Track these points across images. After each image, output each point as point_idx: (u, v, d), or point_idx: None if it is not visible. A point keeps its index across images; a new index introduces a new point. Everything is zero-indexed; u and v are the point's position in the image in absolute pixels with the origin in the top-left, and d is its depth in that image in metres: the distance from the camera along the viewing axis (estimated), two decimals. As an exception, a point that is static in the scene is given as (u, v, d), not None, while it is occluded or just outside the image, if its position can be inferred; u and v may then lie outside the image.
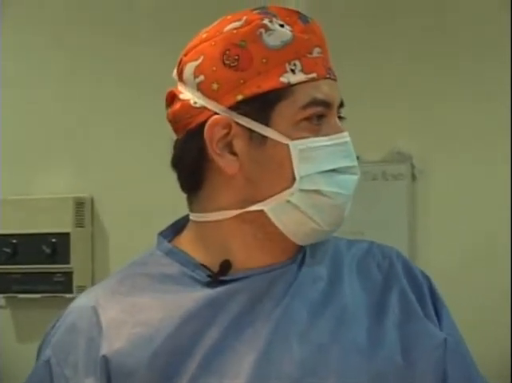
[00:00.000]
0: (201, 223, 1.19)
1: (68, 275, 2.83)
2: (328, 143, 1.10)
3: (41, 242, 2.82)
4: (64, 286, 2.83)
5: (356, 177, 1.14)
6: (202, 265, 1.18)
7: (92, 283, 2.97)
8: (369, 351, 1.13)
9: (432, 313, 1.23)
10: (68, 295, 2.79)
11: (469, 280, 2.50)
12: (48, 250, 2.80)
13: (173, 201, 2.70)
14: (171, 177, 2.29)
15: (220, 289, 1.15)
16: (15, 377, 2.88)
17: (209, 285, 1.15)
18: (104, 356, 1.08)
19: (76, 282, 2.84)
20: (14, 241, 2.83)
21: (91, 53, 3.13)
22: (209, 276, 1.15)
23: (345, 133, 1.14)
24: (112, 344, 1.09)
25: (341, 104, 1.16)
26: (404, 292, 1.22)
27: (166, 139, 2.35)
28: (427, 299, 1.24)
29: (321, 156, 1.10)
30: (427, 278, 1.27)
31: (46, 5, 3.22)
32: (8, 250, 2.83)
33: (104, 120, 3.08)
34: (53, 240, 2.80)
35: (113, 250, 2.99)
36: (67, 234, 2.81)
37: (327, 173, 1.11)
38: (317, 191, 1.11)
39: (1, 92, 3.09)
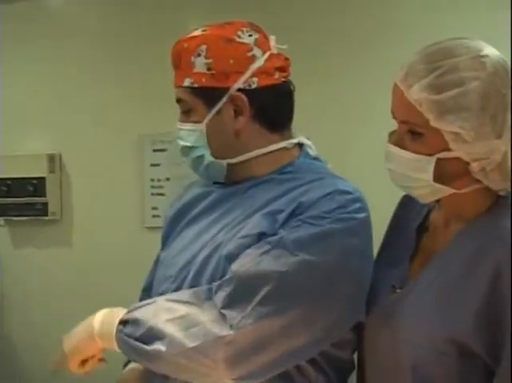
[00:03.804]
0: None
1: (45, 205, 3.49)
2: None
3: (26, 183, 3.46)
4: (42, 211, 3.50)
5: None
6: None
7: (61, 210, 3.58)
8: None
9: None
10: (44, 217, 3.51)
11: None
12: (31, 188, 3.47)
13: (115, 157, 3.34)
14: (119, 142, 2.90)
15: (208, 188, 1.59)
16: (12, 272, 3.65)
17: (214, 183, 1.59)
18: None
19: (50, 209, 3.51)
20: (9, 182, 3.49)
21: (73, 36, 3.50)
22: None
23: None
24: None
25: (177, 100, 1.50)
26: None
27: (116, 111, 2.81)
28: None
29: None
30: None
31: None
32: (5, 188, 3.50)
33: (71, 95, 3.52)
34: (35, 181, 3.46)
35: (74, 188, 3.57)
36: (44, 178, 3.46)
37: None
38: None
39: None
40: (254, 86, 1.43)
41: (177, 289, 1.46)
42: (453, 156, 1.27)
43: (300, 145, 1.55)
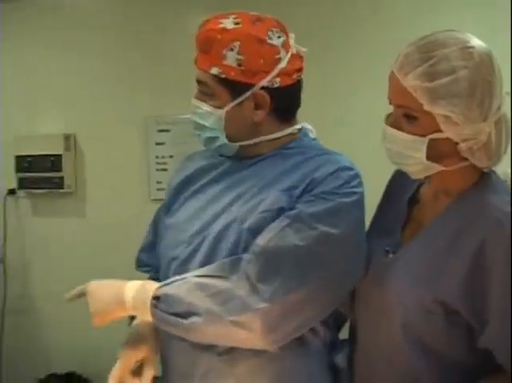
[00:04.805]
0: None
1: (61, 179, 3.61)
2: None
3: (45, 159, 3.60)
4: (58, 185, 3.62)
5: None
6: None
7: (76, 184, 3.67)
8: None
9: None
10: (61, 190, 3.63)
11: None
12: (49, 164, 3.59)
13: (123, 137, 3.47)
14: (127, 123, 3.04)
15: (216, 159, 1.60)
16: (32, 238, 3.76)
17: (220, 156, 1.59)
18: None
19: (65, 183, 3.62)
20: (30, 159, 3.61)
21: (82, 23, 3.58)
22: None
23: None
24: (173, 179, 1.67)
25: (199, 82, 1.49)
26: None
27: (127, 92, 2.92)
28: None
29: None
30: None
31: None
32: (26, 164, 3.62)
33: (84, 82, 3.62)
34: (52, 158, 3.59)
35: (87, 164, 3.69)
36: (60, 155, 3.59)
37: None
38: None
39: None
40: (276, 85, 1.46)
41: (192, 252, 1.48)
42: (443, 137, 1.31)
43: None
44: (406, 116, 1.34)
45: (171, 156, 3.52)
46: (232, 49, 1.43)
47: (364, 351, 1.51)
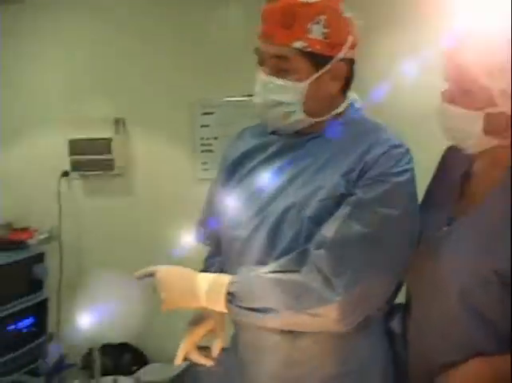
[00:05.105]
0: None
1: (112, 161, 3.69)
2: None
3: (96, 142, 3.69)
4: (109, 167, 3.71)
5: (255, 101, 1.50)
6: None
7: (125, 166, 3.75)
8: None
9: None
10: (111, 172, 3.71)
11: None
12: (100, 147, 3.68)
13: (170, 120, 3.54)
14: (173, 107, 3.14)
15: (267, 138, 1.60)
16: (86, 218, 3.85)
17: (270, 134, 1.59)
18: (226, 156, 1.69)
19: (116, 164, 3.72)
20: (82, 142, 3.69)
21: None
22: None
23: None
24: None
25: (277, 57, 1.46)
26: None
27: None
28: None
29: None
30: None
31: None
32: (79, 147, 3.71)
33: (135, 67, 3.71)
34: (103, 141, 3.68)
35: (136, 146, 3.79)
36: (110, 138, 3.69)
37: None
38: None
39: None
40: (348, 56, 1.49)
41: (251, 234, 1.51)
42: (499, 111, 1.31)
43: None
44: (461, 91, 1.35)
45: (215, 138, 3.62)
46: (318, 23, 1.43)
47: (417, 326, 1.52)
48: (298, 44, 1.43)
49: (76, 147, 3.73)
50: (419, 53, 2.10)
